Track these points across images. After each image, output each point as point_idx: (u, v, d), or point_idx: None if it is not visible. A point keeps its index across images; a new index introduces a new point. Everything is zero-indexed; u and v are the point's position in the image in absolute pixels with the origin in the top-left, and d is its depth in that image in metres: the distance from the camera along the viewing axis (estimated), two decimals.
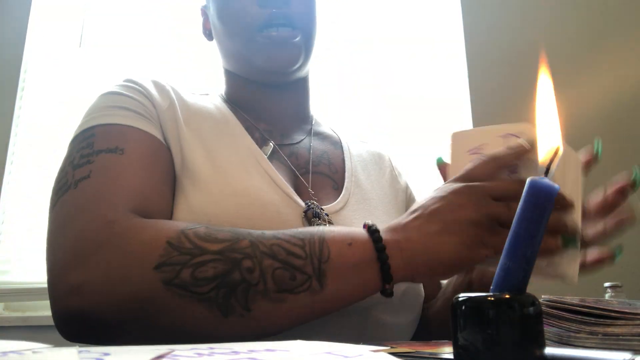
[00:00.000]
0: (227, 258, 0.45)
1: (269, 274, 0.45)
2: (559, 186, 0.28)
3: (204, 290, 0.44)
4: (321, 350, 0.28)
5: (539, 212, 0.27)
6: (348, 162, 0.73)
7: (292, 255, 0.46)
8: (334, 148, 0.76)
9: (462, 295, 0.28)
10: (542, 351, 0.27)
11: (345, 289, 0.47)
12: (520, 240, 0.28)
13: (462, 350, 0.27)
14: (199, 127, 0.63)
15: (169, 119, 0.61)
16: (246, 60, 0.70)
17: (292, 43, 0.67)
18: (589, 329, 0.39)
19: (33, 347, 0.27)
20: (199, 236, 0.46)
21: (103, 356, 0.24)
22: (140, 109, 0.59)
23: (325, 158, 0.72)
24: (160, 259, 0.45)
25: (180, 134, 0.60)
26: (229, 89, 0.75)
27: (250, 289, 0.44)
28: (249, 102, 0.73)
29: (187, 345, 0.29)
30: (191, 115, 0.64)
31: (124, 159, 0.53)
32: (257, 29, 0.66)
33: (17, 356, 0.23)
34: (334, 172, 0.71)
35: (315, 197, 0.64)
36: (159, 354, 0.25)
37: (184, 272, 0.44)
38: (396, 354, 0.31)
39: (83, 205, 0.50)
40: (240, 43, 0.68)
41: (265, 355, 0.26)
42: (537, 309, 0.27)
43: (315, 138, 0.75)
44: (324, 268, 0.46)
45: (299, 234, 0.48)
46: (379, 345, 0.35)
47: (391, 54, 1.77)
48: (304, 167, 0.68)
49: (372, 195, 0.71)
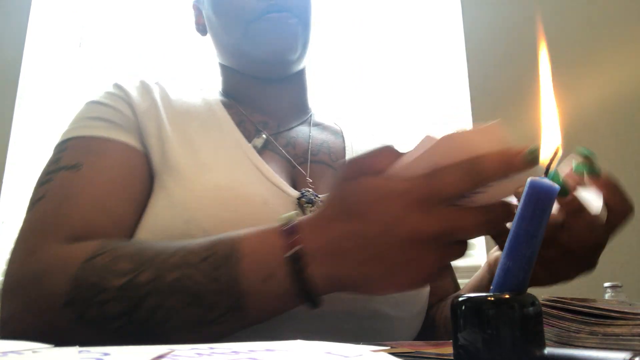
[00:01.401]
0: (128, 297, 0.42)
1: (178, 313, 0.41)
2: (557, 187, 0.28)
3: (114, 326, 0.42)
4: (321, 350, 0.28)
5: (539, 212, 0.27)
6: (348, 150, 0.72)
7: (203, 290, 0.41)
8: (335, 138, 0.75)
9: (462, 295, 0.28)
10: (542, 351, 0.27)
11: (271, 313, 0.43)
12: (520, 240, 0.28)
13: (462, 350, 0.27)
14: (184, 124, 0.63)
15: (150, 119, 0.61)
16: (242, 53, 0.69)
17: (290, 25, 0.66)
18: (589, 329, 0.39)
19: (33, 347, 0.27)
20: (102, 267, 0.44)
21: (103, 356, 0.24)
22: (116, 118, 0.60)
23: (325, 147, 0.71)
24: (67, 296, 0.44)
25: (162, 132, 0.60)
26: (225, 83, 0.75)
27: (161, 324, 0.42)
28: (245, 95, 0.72)
29: (187, 345, 0.29)
30: (177, 113, 0.64)
31: (81, 176, 0.54)
32: (254, 19, 0.66)
33: (17, 356, 0.23)
34: (334, 160, 0.70)
35: (312, 186, 0.64)
36: (159, 354, 0.25)
37: (90, 310, 0.43)
38: (396, 354, 0.31)
39: (25, 233, 0.52)
40: (237, 35, 0.68)
41: (265, 355, 0.26)
42: (537, 309, 0.27)
43: (314, 128, 0.74)
44: (239, 304, 0.41)
45: (211, 263, 0.42)
46: (379, 345, 0.35)
47: (391, 54, 1.77)
48: (302, 157, 0.68)
49: None
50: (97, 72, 1.84)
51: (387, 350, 0.28)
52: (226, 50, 0.72)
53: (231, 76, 0.74)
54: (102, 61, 1.85)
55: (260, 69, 0.71)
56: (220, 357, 0.25)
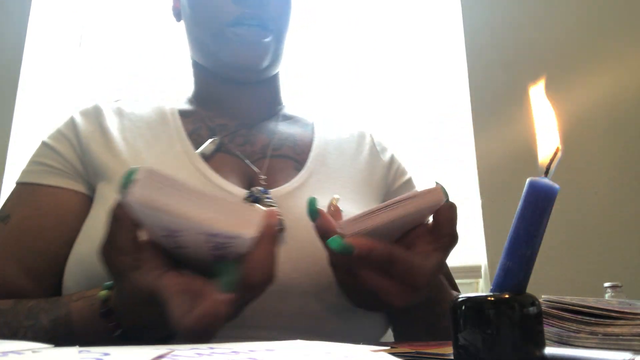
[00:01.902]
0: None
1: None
2: None
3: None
4: (321, 350, 0.28)
5: (539, 212, 0.27)
6: (317, 142, 0.72)
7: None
8: (303, 130, 0.74)
9: (462, 296, 0.28)
10: (542, 351, 0.27)
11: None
12: (520, 240, 0.28)
13: (462, 350, 0.27)
14: (134, 139, 0.66)
15: (96, 141, 0.65)
16: (212, 53, 0.69)
17: (261, 43, 0.66)
18: (589, 329, 0.39)
19: (33, 347, 0.27)
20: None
21: (103, 356, 0.24)
22: (55, 162, 0.64)
23: (290, 140, 0.71)
24: None
25: (112, 150, 0.64)
26: (195, 82, 0.76)
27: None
28: (213, 96, 0.73)
29: (187, 345, 0.29)
30: (127, 131, 0.67)
31: (6, 228, 0.61)
32: (227, 24, 0.66)
33: (17, 356, 0.23)
34: (299, 153, 0.70)
35: (265, 182, 0.64)
36: (159, 354, 0.25)
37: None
38: (396, 354, 0.31)
39: None
40: (208, 35, 0.68)
41: (265, 355, 0.26)
42: (537, 309, 0.27)
43: (283, 122, 0.74)
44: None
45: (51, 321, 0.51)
46: (379, 345, 0.35)
47: (391, 54, 1.77)
48: (260, 153, 0.68)
49: (341, 173, 0.69)
50: (97, 72, 1.84)
51: (387, 350, 0.28)
52: (195, 45, 0.72)
53: (201, 74, 0.75)
54: (102, 61, 1.85)
55: (228, 73, 0.71)
56: (220, 357, 0.25)
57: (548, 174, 0.30)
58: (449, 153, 1.64)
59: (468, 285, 1.54)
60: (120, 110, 0.70)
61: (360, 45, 1.79)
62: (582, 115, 1.51)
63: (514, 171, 1.49)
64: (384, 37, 1.79)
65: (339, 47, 1.79)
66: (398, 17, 1.80)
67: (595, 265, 1.40)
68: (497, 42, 1.64)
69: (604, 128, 1.52)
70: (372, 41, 1.79)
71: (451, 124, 1.67)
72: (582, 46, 1.59)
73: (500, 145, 1.54)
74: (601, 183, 1.48)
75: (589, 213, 1.45)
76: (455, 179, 1.61)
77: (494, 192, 1.51)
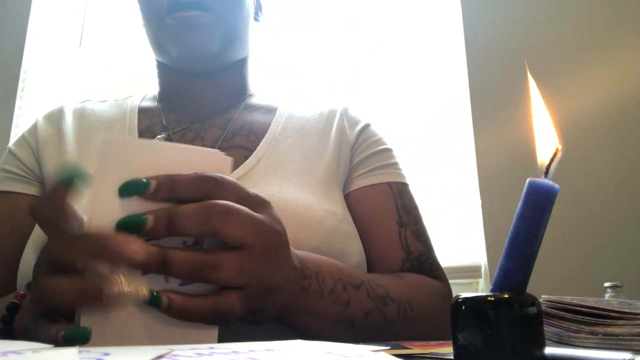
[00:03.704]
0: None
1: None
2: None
3: None
4: (321, 350, 0.28)
5: (539, 212, 0.27)
6: (273, 127, 0.70)
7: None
8: (265, 117, 0.72)
9: (462, 295, 0.28)
10: (542, 351, 0.27)
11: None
12: (520, 240, 0.28)
13: (462, 350, 0.27)
14: (89, 138, 0.67)
15: (52, 144, 0.66)
16: (160, 45, 0.69)
17: (201, 24, 0.64)
18: (589, 329, 0.39)
19: (33, 347, 0.27)
20: None
21: (103, 356, 0.24)
22: (15, 167, 0.66)
23: (245, 129, 0.70)
24: None
25: (63, 154, 0.65)
26: (158, 79, 0.76)
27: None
28: (172, 92, 0.73)
29: (187, 345, 0.29)
30: (82, 132, 0.68)
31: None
32: (165, 12, 0.65)
33: (17, 356, 0.23)
34: (252, 140, 0.68)
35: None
36: (159, 354, 0.25)
37: None
38: (396, 354, 0.31)
39: None
40: (154, 27, 0.68)
41: (265, 355, 0.26)
42: (537, 309, 0.27)
43: (244, 111, 0.73)
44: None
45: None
46: (379, 345, 0.35)
47: (391, 54, 1.77)
48: (211, 146, 0.67)
49: (294, 157, 0.66)
50: (97, 72, 1.84)
51: (387, 350, 0.28)
52: (150, 41, 0.72)
53: (163, 72, 0.75)
54: (102, 61, 1.85)
55: (185, 66, 0.70)
56: (220, 357, 0.25)
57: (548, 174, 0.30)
58: (449, 153, 1.64)
59: (468, 285, 1.54)
60: (82, 110, 0.71)
61: (360, 45, 1.79)
62: (582, 115, 1.50)
63: (514, 171, 1.49)
64: (384, 37, 1.79)
65: (339, 47, 1.79)
66: (398, 17, 1.80)
67: (595, 265, 1.40)
68: (497, 42, 1.64)
69: (604, 128, 1.52)
70: (372, 41, 1.79)
71: (451, 124, 1.66)
72: (582, 46, 1.59)
73: (500, 145, 1.54)
74: (601, 183, 1.48)
75: (589, 213, 1.45)
76: (455, 179, 1.61)
77: (494, 192, 1.51)
